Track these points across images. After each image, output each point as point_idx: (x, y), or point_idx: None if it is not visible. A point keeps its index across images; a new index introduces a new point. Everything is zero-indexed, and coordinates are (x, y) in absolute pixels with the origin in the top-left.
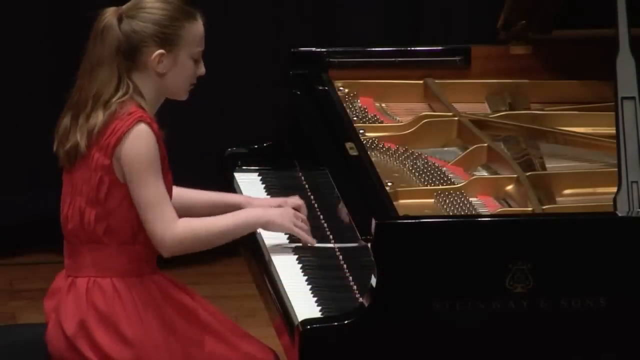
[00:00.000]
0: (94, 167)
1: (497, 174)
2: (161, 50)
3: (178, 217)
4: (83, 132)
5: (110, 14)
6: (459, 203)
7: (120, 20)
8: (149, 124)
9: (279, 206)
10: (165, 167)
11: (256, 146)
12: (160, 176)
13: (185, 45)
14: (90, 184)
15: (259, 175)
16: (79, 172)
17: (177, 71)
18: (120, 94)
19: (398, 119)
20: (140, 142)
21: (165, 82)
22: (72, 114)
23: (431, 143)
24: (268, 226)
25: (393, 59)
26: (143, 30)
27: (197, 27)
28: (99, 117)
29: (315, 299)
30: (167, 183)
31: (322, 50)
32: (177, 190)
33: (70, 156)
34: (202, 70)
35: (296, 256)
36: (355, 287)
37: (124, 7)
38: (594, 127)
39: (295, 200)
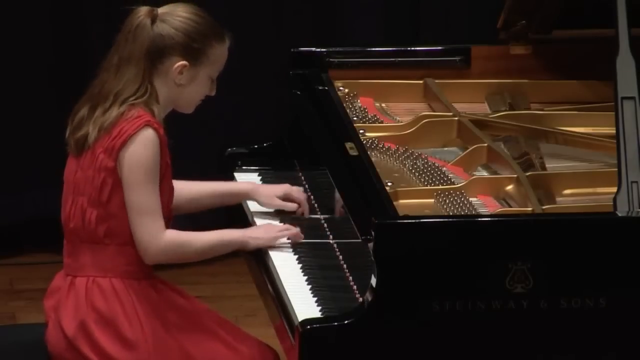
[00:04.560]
0: (98, 168)
1: (497, 174)
2: (185, 62)
3: (172, 215)
4: (96, 125)
5: (144, 13)
6: (459, 203)
7: (153, 21)
8: (156, 129)
9: (285, 194)
10: (168, 172)
11: (256, 146)
12: (157, 185)
13: (209, 64)
14: (93, 184)
15: (259, 175)
16: (82, 172)
17: (194, 86)
18: (139, 94)
19: (398, 119)
20: (143, 147)
21: (179, 93)
22: (90, 105)
23: (431, 143)
24: (248, 245)
25: (393, 59)
26: (172, 37)
27: (223, 49)
28: (113, 114)
29: (315, 299)
30: (168, 188)
31: (322, 50)
32: (182, 184)
33: (79, 145)
34: (213, 91)
35: (296, 256)
36: (355, 287)
37: (159, 9)
38: (594, 127)
39: (298, 193)
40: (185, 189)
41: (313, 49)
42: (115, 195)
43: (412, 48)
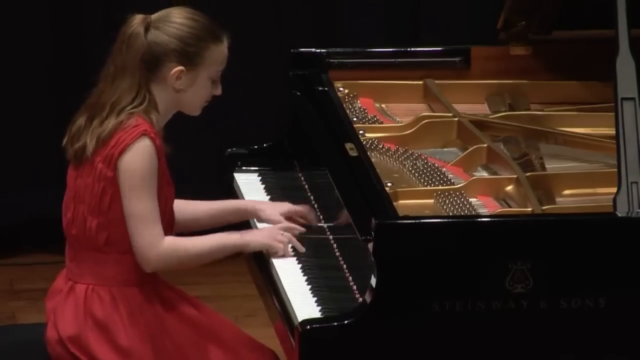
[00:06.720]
0: (98, 177)
1: (497, 174)
2: (181, 67)
3: (174, 232)
4: (93, 136)
5: (138, 22)
6: (459, 203)
7: (146, 29)
8: (152, 139)
9: (289, 214)
10: (166, 181)
11: (256, 146)
12: (154, 192)
13: (207, 66)
14: (93, 193)
15: (258, 176)
16: (82, 179)
17: (194, 89)
18: (136, 103)
19: (398, 119)
20: (140, 155)
21: (181, 98)
22: (88, 115)
23: (431, 143)
24: (249, 247)
25: (393, 60)
26: (166, 44)
27: (221, 49)
28: (110, 124)
29: (315, 299)
30: (168, 196)
31: (322, 50)
32: (180, 203)
33: (77, 156)
34: (218, 90)
35: (296, 256)
36: (355, 287)
37: (153, 16)
38: (593, 128)
39: (301, 209)
40: (184, 209)
41: (313, 49)
42: (115, 204)
43: (412, 49)
